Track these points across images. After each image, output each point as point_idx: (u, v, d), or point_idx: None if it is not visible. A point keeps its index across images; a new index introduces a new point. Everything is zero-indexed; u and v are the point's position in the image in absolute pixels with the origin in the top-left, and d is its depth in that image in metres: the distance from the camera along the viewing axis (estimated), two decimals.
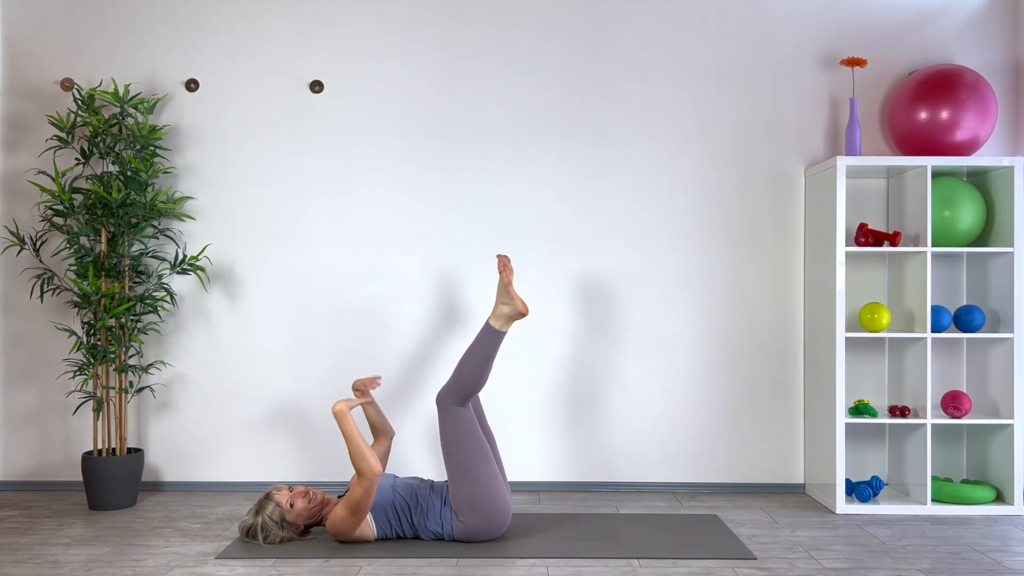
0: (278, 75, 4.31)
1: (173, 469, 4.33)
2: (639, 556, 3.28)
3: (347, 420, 3.28)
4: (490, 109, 4.30)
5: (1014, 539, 3.53)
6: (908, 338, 4.06)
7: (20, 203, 4.33)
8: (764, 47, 4.30)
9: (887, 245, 4.10)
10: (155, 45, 4.33)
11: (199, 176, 4.32)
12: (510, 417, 4.29)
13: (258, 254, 4.31)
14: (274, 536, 3.37)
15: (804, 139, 4.30)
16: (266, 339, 4.30)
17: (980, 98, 3.99)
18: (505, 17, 4.31)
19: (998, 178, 4.02)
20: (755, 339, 4.29)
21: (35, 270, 4.30)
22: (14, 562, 3.24)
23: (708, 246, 4.29)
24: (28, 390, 4.33)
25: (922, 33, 4.29)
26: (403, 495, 3.44)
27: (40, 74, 4.33)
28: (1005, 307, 3.98)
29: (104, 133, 4.03)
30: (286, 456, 4.31)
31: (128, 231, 4.04)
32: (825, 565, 3.20)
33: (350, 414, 3.30)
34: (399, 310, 4.30)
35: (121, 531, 3.64)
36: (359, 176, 4.31)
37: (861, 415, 3.98)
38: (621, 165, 4.29)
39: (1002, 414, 3.98)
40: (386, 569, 3.14)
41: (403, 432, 4.29)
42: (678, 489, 4.31)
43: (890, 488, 4.23)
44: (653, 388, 4.29)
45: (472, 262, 4.29)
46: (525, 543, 3.42)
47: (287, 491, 3.43)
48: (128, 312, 4.01)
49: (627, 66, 4.30)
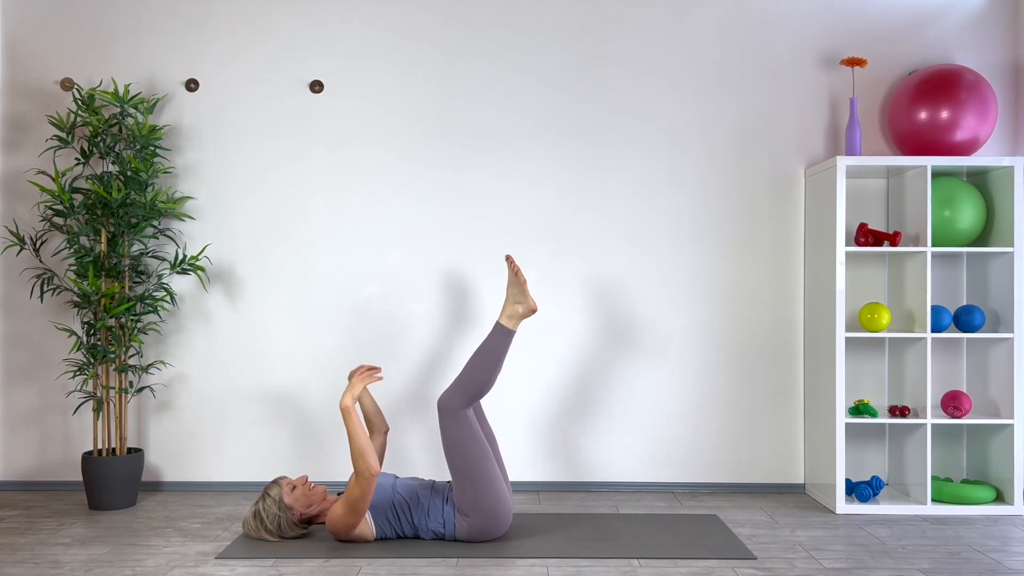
0: (278, 75, 4.31)
1: (173, 469, 4.33)
2: (639, 556, 3.28)
3: (352, 416, 3.29)
4: (490, 109, 4.30)
5: (1014, 539, 3.53)
6: (908, 338, 4.06)
7: (20, 203, 4.33)
8: (764, 47, 4.30)
9: (887, 245, 4.10)
10: (155, 45, 4.33)
11: (199, 176, 4.32)
12: (510, 416, 4.29)
13: (258, 254, 4.31)
14: (272, 518, 3.40)
15: (804, 139, 4.30)
16: (266, 339, 4.30)
17: (980, 98, 3.99)
18: (505, 17, 4.31)
19: (998, 178, 4.02)
20: (755, 339, 4.29)
21: (35, 270, 4.30)
22: (14, 562, 3.24)
23: (708, 246, 4.29)
24: (28, 390, 4.33)
25: (922, 33, 4.30)
26: (403, 495, 3.44)
27: (40, 74, 4.33)
28: (1005, 307, 3.98)
29: (104, 133, 4.03)
30: (286, 456, 4.31)
31: (128, 231, 4.04)
32: (825, 565, 3.20)
33: (356, 411, 3.31)
34: (399, 310, 4.30)
35: (121, 531, 3.64)
36: (359, 176, 4.31)
37: (861, 415, 3.98)
38: (621, 165, 4.29)
39: (1002, 414, 3.98)
40: (386, 569, 3.14)
41: (404, 432, 4.29)
42: (678, 489, 4.31)
43: (890, 488, 4.23)
44: (653, 387, 4.29)
45: (473, 262, 4.29)
46: (525, 543, 3.42)
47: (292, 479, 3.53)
48: (128, 312, 4.01)
49: (627, 66, 4.30)
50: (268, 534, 3.43)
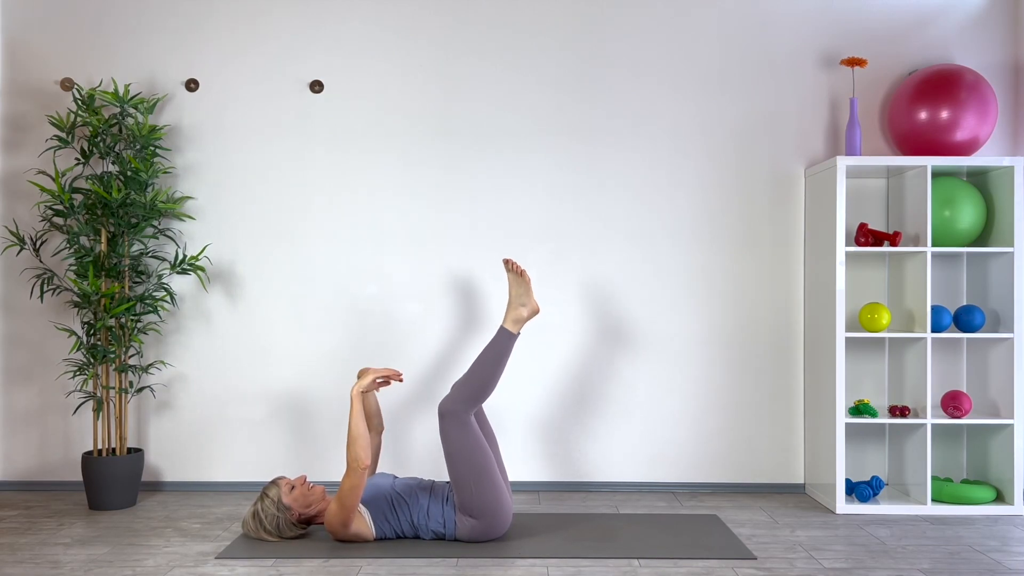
0: (278, 75, 4.31)
1: (173, 469, 4.33)
2: (639, 556, 3.28)
3: (358, 406, 3.31)
4: (490, 109, 4.30)
5: (1014, 539, 3.53)
6: (908, 338, 4.06)
7: (20, 203, 4.33)
8: (764, 47, 4.30)
9: (887, 245, 4.10)
10: (155, 45, 4.33)
11: (199, 176, 4.32)
12: (510, 416, 4.29)
13: (258, 254, 4.31)
14: (271, 518, 3.41)
15: (804, 139, 4.30)
16: (266, 339, 4.30)
17: (980, 98, 3.99)
18: (505, 17, 4.31)
19: (998, 178, 4.02)
20: (755, 339, 4.29)
21: (35, 270, 4.30)
22: (14, 562, 3.24)
23: (708, 246, 4.29)
24: (28, 390, 4.33)
25: (922, 33, 4.29)
26: (403, 495, 3.44)
27: (40, 74, 4.33)
28: (1005, 307, 3.98)
29: (104, 133, 4.03)
30: (286, 456, 4.31)
31: (128, 231, 4.04)
32: (825, 565, 3.20)
33: (361, 403, 3.34)
34: (399, 310, 4.30)
35: (121, 531, 3.64)
36: (359, 176, 4.31)
37: (861, 415, 3.98)
38: (621, 165, 4.29)
39: (1002, 414, 3.98)
40: (386, 569, 3.14)
41: (404, 432, 4.29)
42: (678, 489, 4.31)
43: (890, 488, 4.23)
44: (653, 387, 4.29)
45: (473, 262, 4.29)
46: (525, 543, 3.42)
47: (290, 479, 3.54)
48: (128, 312, 4.01)
49: (627, 66, 4.30)
50: (267, 534, 3.43)
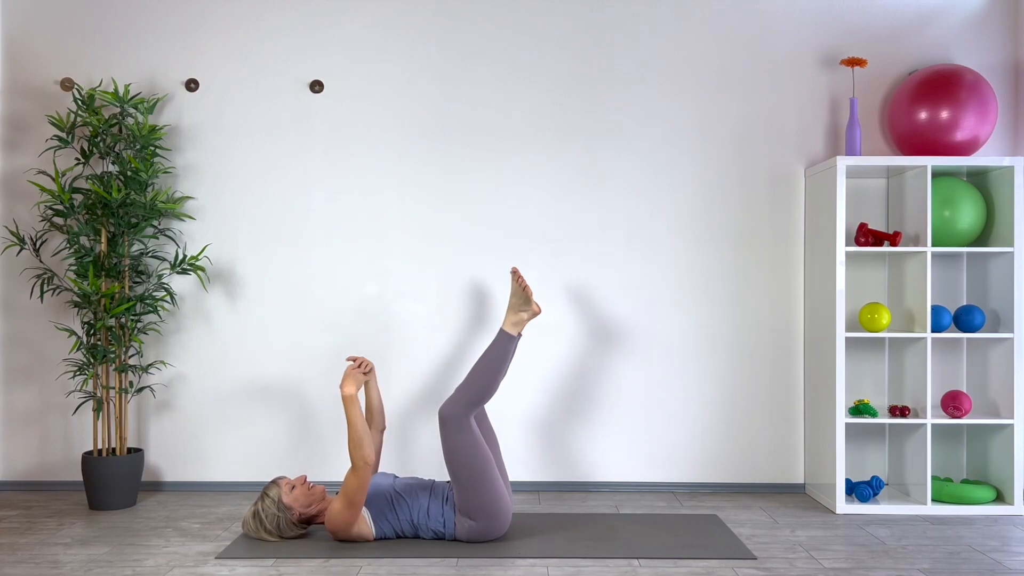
0: (278, 75, 4.31)
1: (173, 469, 4.33)
2: (639, 556, 3.28)
3: (354, 405, 3.31)
4: (490, 109, 4.30)
5: (1014, 539, 3.53)
6: (908, 338, 4.06)
7: (20, 203, 4.33)
8: (764, 47, 4.30)
9: (887, 245, 4.10)
10: (155, 45, 4.33)
11: (199, 176, 4.32)
12: (510, 417, 4.29)
13: (258, 254, 4.31)
14: (271, 518, 3.41)
15: (804, 139, 4.30)
16: (266, 339, 4.30)
17: (980, 98, 3.99)
18: (505, 17, 4.31)
19: (998, 178, 4.02)
20: (755, 339, 4.29)
21: (35, 270, 4.30)
22: (14, 562, 3.24)
23: (708, 246, 4.29)
24: (28, 390, 4.33)
25: (922, 33, 4.30)
26: (403, 494, 3.44)
27: (40, 74, 4.33)
28: (1005, 307, 3.98)
29: (104, 133, 4.03)
30: (286, 456, 4.31)
31: (128, 231, 4.04)
32: (825, 565, 3.20)
33: (358, 399, 3.32)
34: (399, 310, 4.30)
35: (121, 531, 3.64)
36: (359, 176, 4.31)
37: (861, 415, 3.98)
38: (621, 165, 4.29)
39: (1002, 414, 3.98)
40: (386, 569, 3.14)
41: (403, 432, 4.29)
42: (678, 489, 4.31)
43: (890, 488, 4.23)
44: (653, 387, 4.29)
45: (473, 262, 4.29)
46: (525, 543, 3.42)
47: (291, 479, 3.53)
48: (128, 312, 4.01)
49: (627, 66, 4.30)
50: (267, 534, 3.43)
